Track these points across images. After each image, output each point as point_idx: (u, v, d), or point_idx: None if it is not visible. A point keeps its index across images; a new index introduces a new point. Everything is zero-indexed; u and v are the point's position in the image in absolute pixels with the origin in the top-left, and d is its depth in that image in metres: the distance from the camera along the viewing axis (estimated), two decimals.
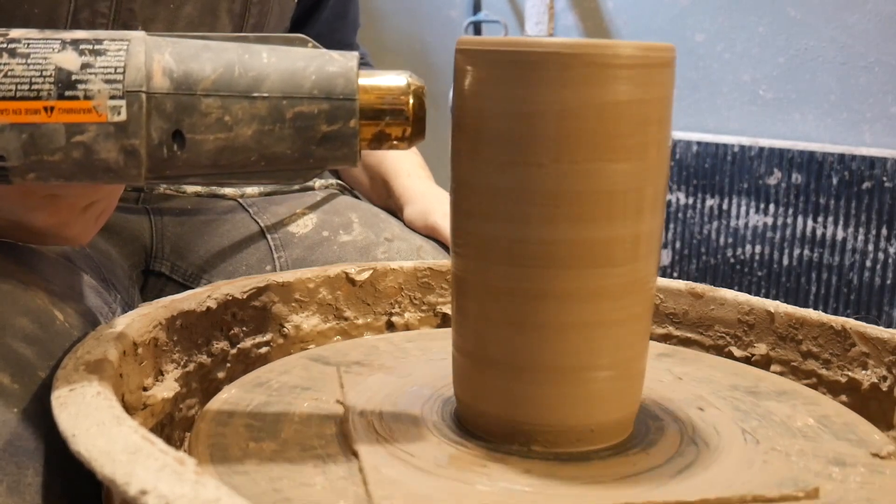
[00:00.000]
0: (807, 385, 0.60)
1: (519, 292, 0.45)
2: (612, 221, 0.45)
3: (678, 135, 1.84)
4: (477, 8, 2.10)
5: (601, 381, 0.46)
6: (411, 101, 0.45)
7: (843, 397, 0.59)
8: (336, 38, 0.98)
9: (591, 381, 0.46)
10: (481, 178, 0.46)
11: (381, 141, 0.45)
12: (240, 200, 0.88)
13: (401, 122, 0.45)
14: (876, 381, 0.58)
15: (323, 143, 0.44)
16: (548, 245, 0.44)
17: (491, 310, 0.46)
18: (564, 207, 0.44)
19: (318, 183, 0.90)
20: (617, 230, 0.45)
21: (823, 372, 0.61)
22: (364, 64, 1.01)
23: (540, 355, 0.45)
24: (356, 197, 0.97)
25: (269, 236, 0.84)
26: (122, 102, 0.42)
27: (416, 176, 0.94)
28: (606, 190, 0.44)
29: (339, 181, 0.97)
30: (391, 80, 0.45)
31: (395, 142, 0.45)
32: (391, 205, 0.94)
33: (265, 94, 0.44)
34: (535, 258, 0.45)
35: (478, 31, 2.11)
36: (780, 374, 0.62)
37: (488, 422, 0.47)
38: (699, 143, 1.83)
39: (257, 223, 0.85)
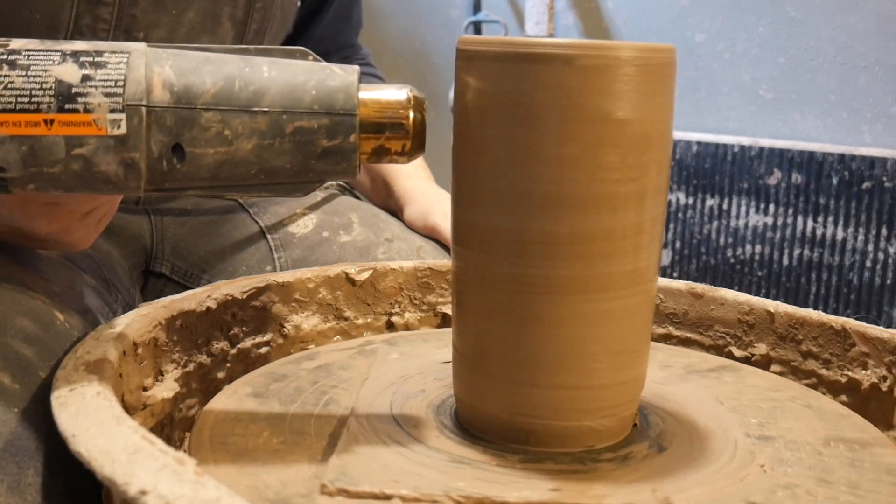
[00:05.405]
0: (806, 385, 0.60)
1: (520, 289, 0.45)
2: (614, 214, 0.45)
3: (678, 135, 1.84)
4: (477, 8, 2.10)
5: (601, 378, 0.46)
6: (412, 115, 0.45)
7: (843, 397, 0.59)
8: (339, 39, 0.98)
9: (590, 376, 0.46)
10: (483, 178, 0.46)
11: (380, 155, 0.46)
12: (240, 201, 0.88)
13: (401, 136, 0.45)
14: (876, 381, 0.58)
15: (323, 158, 0.44)
16: (549, 241, 0.45)
17: (491, 307, 0.46)
18: (566, 206, 0.44)
19: None
20: (618, 221, 0.45)
21: (823, 372, 0.61)
22: (366, 65, 1.02)
23: (540, 350, 0.46)
24: (356, 197, 0.97)
25: (269, 236, 0.84)
26: (122, 116, 0.42)
27: (416, 176, 0.94)
28: (608, 191, 0.44)
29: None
30: (392, 93, 0.45)
31: (394, 156, 0.46)
32: (391, 205, 0.94)
33: (265, 109, 0.44)
34: (537, 255, 0.45)
35: (478, 30, 2.11)
36: (780, 373, 0.62)
37: (487, 421, 0.47)
38: (699, 143, 1.83)
39: (257, 223, 0.85)
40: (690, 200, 1.85)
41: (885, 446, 0.50)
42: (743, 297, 0.65)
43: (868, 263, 1.70)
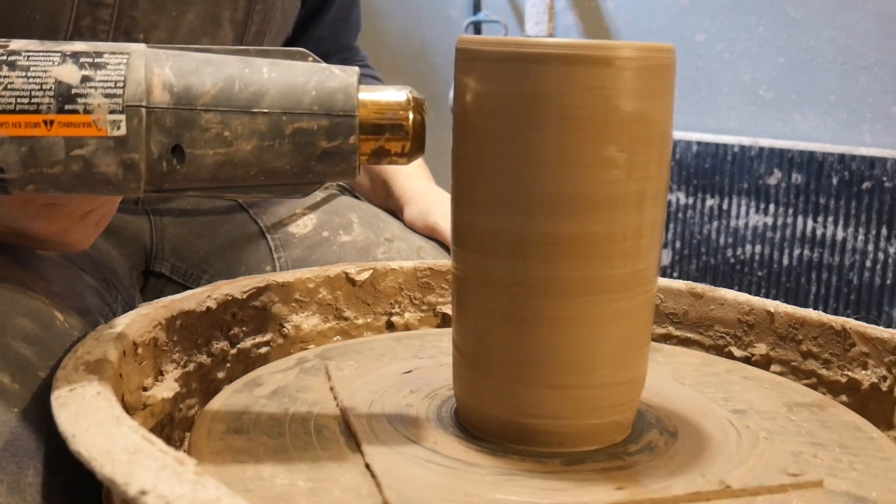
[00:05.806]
0: (806, 385, 0.60)
1: (520, 287, 0.45)
2: (614, 216, 0.45)
3: (678, 135, 1.84)
4: (477, 8, 2.10)
5: (602, 378, 0.46)
6: (411, 116, 0.45)
7: (843, 397, 0.59)
8: (338, 42, 0.98)
9: (591, 377, 0.46)
10: (483, 179, 0.46)
11: (380, 156, 0.46)
12: (240, 201, 0.88)
13: (400, 137, 0.45)
14: (876, 381, 0.58)
15: (322, 159, 0.44)
16: (549, 242, 0.45)
17: (491, 308, 0.46)
18: (566, 207, 0.44)
19: None
20: (618, 223, 0.45)
21: (823, 372, 0.61)
22: (364, 67, 1.02)
23: (540, 351, 0.46)
24: (356, 197, 0.97)
25: (268, 236, 0.84)
26: (122, 117, 0.42)
27: (416, 176, 0.94)
28: (607, 192, 0.44)
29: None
30: (391, 95, 0.45)
31: (394, 157, 0.46)
32: (391, 205, 0.94)
33: (265, 110, 0.44)
34: (537, 257, 0.45)
35: (478, 30, 2.11)
36: (780, 374, 0.62)
37: (488, 422, 0.47)
38: (699, 143, 1.83)
39: (257, 223, 0.85)
40: (690, 200, 1.85)
41: (834, 406, 0.54)
42: (743, 297, 0.65)
43: (868, 263, 1.70)
